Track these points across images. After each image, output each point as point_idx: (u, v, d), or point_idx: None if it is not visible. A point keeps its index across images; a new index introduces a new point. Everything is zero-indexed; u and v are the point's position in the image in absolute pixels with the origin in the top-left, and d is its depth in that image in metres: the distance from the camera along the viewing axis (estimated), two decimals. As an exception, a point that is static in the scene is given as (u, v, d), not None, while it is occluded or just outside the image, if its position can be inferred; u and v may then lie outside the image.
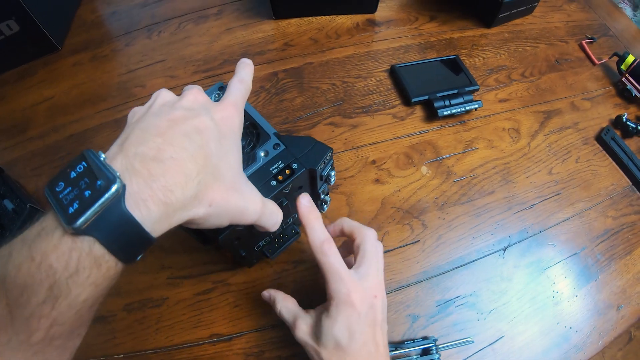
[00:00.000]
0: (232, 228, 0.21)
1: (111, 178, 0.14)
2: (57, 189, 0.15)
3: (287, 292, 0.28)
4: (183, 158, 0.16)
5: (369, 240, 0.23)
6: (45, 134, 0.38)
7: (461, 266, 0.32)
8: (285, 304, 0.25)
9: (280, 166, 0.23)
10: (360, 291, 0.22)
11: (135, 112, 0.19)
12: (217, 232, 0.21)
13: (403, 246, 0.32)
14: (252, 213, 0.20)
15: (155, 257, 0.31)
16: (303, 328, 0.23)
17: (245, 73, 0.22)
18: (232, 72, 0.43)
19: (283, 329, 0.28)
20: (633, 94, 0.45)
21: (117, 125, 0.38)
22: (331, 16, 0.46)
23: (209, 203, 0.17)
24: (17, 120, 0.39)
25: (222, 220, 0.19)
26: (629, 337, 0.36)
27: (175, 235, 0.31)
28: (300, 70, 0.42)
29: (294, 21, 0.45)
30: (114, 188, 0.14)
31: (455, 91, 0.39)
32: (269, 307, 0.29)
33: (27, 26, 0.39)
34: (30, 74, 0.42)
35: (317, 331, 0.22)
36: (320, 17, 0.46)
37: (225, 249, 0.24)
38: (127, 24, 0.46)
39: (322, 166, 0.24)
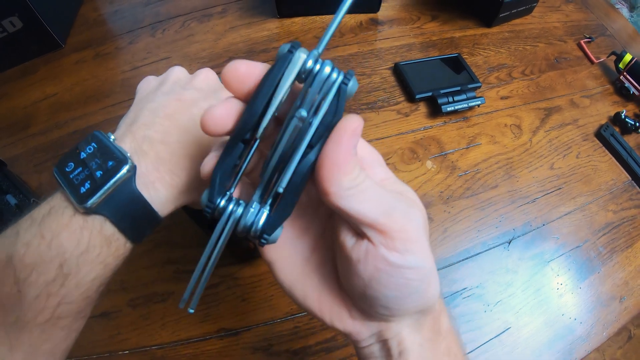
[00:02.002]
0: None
1: (122, 159, 0.15)
2: (66, 169, 0.16)
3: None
4: (188, 141, 0.17)
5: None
6: (48, 130, 0.40)
7: (467, 258, 0.33)
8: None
9: None
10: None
11: (149, 82, 0.20)
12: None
13: (409, 239, 0.34)
14: None
15: (161, 251, 0.32)
16: None
17: None
18: (237, 69, 0.45)
19: (291, 323, 0.29)
20: (631, 92, 0.47)
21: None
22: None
23: None
24: (19, 117, 0.41)
25: None
26: (629, 335, 0.38)
27: (182, 229, 0.32)
28: (305, 68, 0.44)
29: (298, 20, 0.48)
30: (125, 169, 0.15)
31: (458, 88, 0.41)
32: (276, 301, 0.30)
33: (31, 23, 0.41)
34: (32, 71, 0.44)
35: None
36: (324, 16, 0.48)
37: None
38: (131, 22, 0.48)
39: None
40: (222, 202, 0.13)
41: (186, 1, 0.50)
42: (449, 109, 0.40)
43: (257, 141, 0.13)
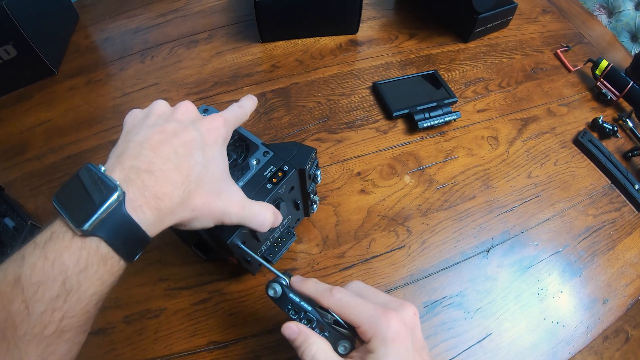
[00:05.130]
0: (239, 231, 0.25)
1: (112, 187, 0.19)
2: (64, 198, 0.19)
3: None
4: (170, 169, 0.21)
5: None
6: (43, 155, 0.44)
7: (446, 268, 0.37)
8: (318, 346, 0.22)
9: (272, 170, 0.28)
10: (397, 316, 0.21)
11: (135, 115, 0.24)
12: (222, 240, 0.25)
13: (389, 251, 0.37)
14: (232, 214, 0.24)
15: (153, 269, 0.35)
16: None
17: (247, 103, 0.28)
18: (222, 93, 0.51)
19: (277, 334, 0.33)
20: (609, 97, 0.52)
21: (113, 146, 0.44)
22: (315, 38, 0.54)
23: (192, 209, 0.22)
24: (14, 143, 0.45)
25: (205, 223, 0.23)
26: (626, 336, 0.40)
27: (172, 248, 0.37)
28: (287, 90, 0.49)
29: (280, 44, 0.53)
30: (115, 195, 0.18)
31: (435, 104, 0.46)
32: (262, 315, 0.34)
33: (25, 51, 0.45)
34: (26, 97, 0.49)
35: None
36: (305, 39, 0.54)
37: (231, 255, 0.28)
38: (121, 49, 0.53)
39: (309, 165, 0.29)
40: None
41: (173, 28, 0.55)
42: (425, 124, 0.44)
43: None
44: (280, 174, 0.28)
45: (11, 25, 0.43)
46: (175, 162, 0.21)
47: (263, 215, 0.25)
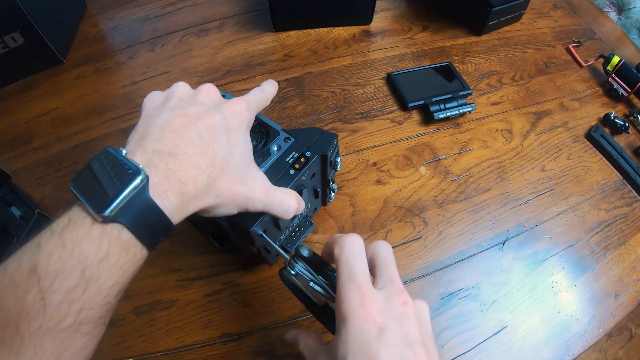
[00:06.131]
0: (261, 219, 0.24)
1: (135, 170, 0.17)
2: (83, 183, 0.18)
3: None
4: (194, 153, 0.20)
5: (351, 246, 0.21)
6: (50, 144, 0.43)
7: (462, 260, 0.37)
8: (306, 342, 0.23)
9: (294, 156, 0.27)
10: (378, 299, 0.19)
11: (155, 98, 0.23)
12: (244, 228, 0.24)
13: (406, 242, 0.37)
14: (256, 201, 0.23)
15: (164, 260, 0.35)
16: None
17: (268, 88, 0.27)
18: (235, 82, 0.49)
19: (293, 326, 0.32)
20: (620, 93, 0.52)
21: (123, 135, 0.43)
22: (328, 28, 0.53)
23: (217, 194, 0.21)
24: (20, 132, 0.44)
25: (229, 209, 0.22)
26: (630, 334, 0.40)
27: (184, 239, 0.36)
28: (300, 80, 0.48)
29: (293, 33, 0.52)
30: (138, 179, 0.17)
31: (450, 95, 0.46)
32: (277, 306, 0.33)
33: (32, 39, 0.44)
34: (33, 86, 0.48)
35: None
36: (318, 29, 0.53)
37: (252, 244, 0.27)
38: (130, 38, 0.52)
39: (331, 151, 0.28)
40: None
41: (183, 17, 0.54)
42: (440, 116, 0.44)
43: None
44: (302, 159, 0.27)
45: (19, 13, 0.42)
46: (199, 145, 0.20)
47: (287, 202, 0.24)
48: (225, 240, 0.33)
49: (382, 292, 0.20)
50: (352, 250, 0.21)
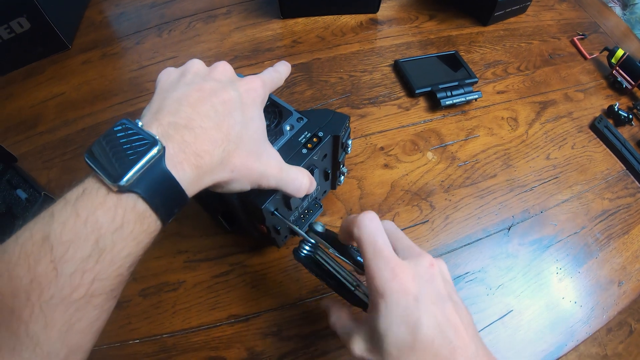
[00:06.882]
0: (273, 197, 0.24)
1: (152, 141, 0.17)
2: (98, 153, 0.17)
3: (301, 272, 0.31)
4: (210, 127, 0.20)
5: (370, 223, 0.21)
6: (56, 128, 0.43)
7: (469, 244, 0.37)
8: (339, 315, 0.23)
9: (307, 136, 0.27)
10: (408, 267, 0.20)
11: (170, 73, 0.22)
12: (255, 205, 0.24)
13: (413, 226, 0.37)
14: (270, 177, 0.23)
15: (171, 242, 0.34)
16: (359, 344, 0.21)
17: (282, 68, 0.27)
18: (243, 67, 0.49)
19: (300, 308, 0.32)
20: (624, 86, 0.52)
21: (131, 118, 0.43)
22: (336, 16, 0.53)
23: (231, 169, 0.21)
24: (26, 116, 0.44)
25: (243, 185, 0.22)
26: (630, 329, 0.40)
27: (191, 221, 0.35)
28: (309, 65, 0.48)
29: (301, 20, 0.52)
30: (155, 149, 0.17)
31: (456, 83, 0.46)
32: (285, 287, 0.33)
33: (38, 24, 0.44)
34: (39, 71, 0.47)
35: (374, 341, 0.20)
36: (325, 16, 0.53)
37: (262, 223, 0.27)
38: (136, 24, 0.52)
39: (343, 132, 0.28)
40: None
41: (190, 3, 0.54)
42: (447, 102, 0.44)
43: None
44: (315, 139, 0.27)
45: (26, -3, 0.41)
46: (215, 120, 0.20)
47: (300, 180, 0.24)
48: (234, 221, 0.33)
49: (406, 260, 0.21)
50: (371, 227, 0.21)
